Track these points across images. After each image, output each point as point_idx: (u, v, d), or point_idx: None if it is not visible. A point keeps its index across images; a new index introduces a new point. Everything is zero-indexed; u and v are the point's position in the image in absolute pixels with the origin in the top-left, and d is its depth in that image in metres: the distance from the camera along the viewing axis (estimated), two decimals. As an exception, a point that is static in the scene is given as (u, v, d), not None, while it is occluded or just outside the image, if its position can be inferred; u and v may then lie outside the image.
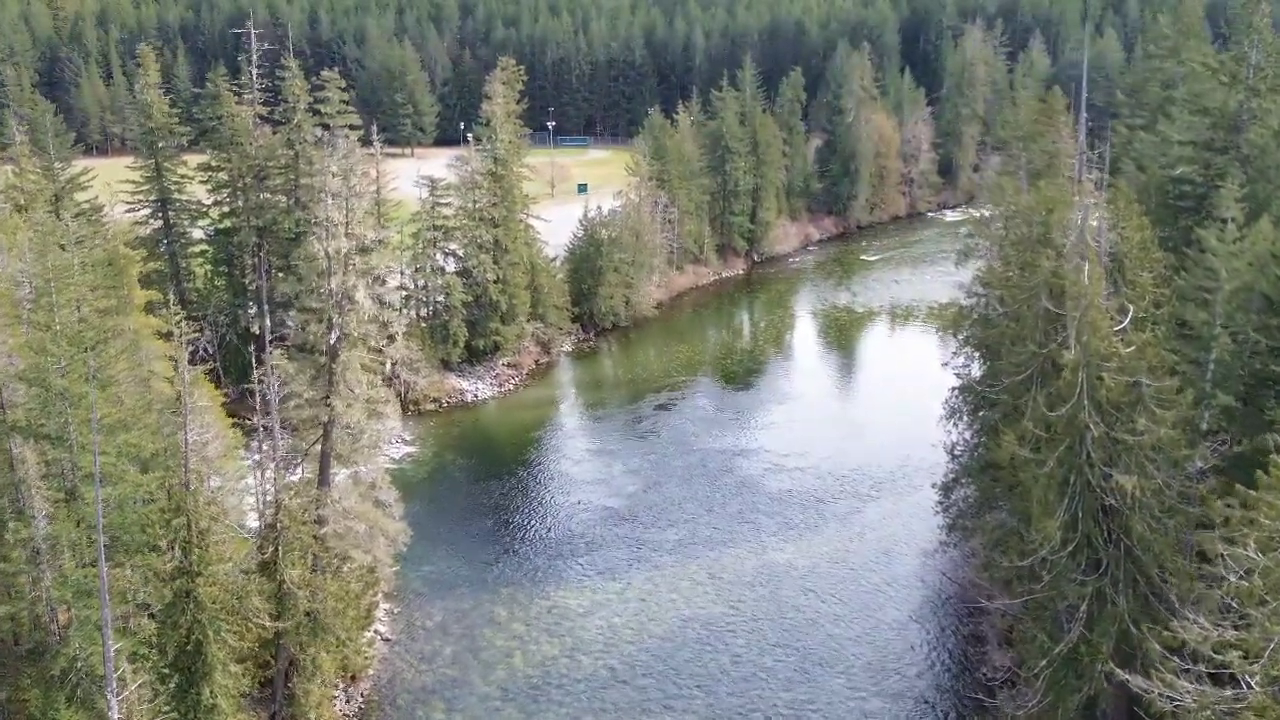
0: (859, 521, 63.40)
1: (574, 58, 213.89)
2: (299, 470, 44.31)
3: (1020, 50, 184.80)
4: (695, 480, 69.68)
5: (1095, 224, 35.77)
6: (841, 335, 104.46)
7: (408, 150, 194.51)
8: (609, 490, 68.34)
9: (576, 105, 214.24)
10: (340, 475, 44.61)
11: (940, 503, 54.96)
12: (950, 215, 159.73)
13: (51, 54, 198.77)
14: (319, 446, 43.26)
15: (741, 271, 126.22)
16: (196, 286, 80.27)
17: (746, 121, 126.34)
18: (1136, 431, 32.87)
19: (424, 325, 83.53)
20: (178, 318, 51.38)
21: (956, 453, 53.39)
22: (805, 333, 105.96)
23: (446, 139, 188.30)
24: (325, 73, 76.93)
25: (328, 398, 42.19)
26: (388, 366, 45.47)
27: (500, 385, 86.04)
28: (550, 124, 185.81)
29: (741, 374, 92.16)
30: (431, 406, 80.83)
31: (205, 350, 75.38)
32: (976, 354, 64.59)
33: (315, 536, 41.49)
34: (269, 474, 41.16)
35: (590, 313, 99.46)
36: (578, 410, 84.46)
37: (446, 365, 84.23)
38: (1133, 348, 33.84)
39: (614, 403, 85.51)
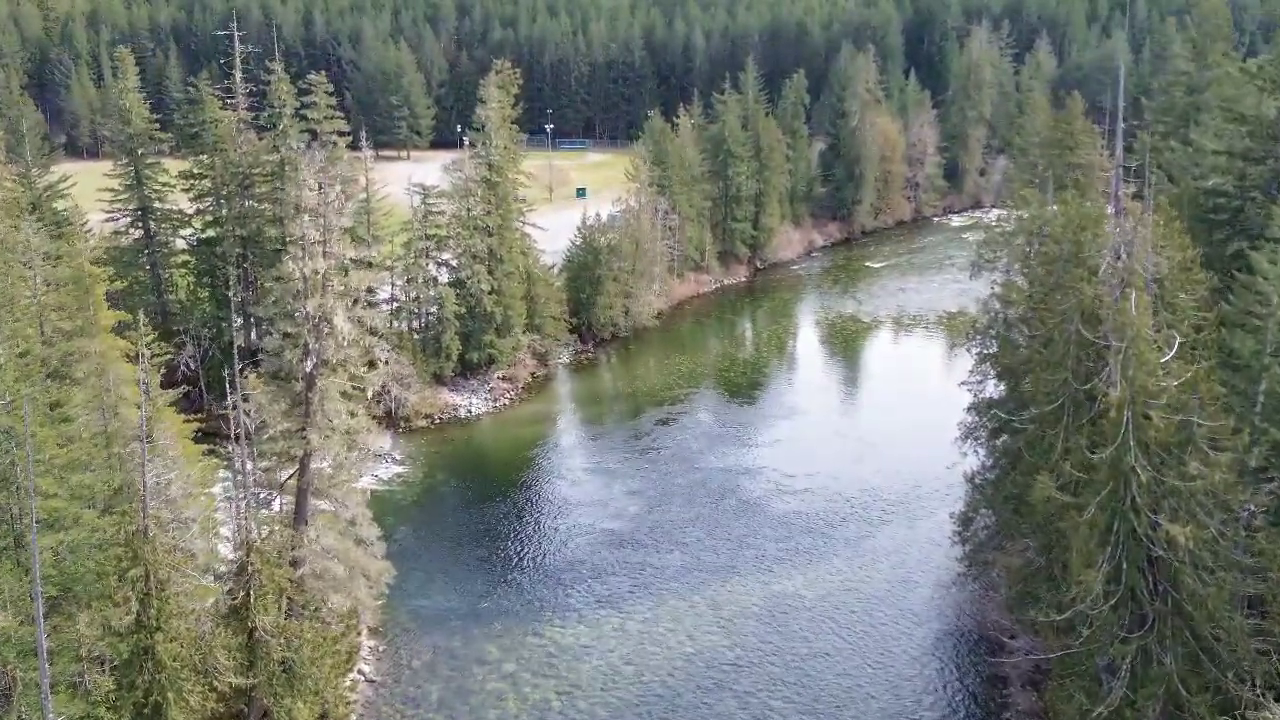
0: (870, 548, 60.32)
1: (572, 59, 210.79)
2: (274, 506, 41.24)
3: (1026, 51, 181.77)
4: (698, 501, 66.66)
5: (1137, 245, 32.72)
6: (847, 346, 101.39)
7: (403, 153, 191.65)
8: (608, 512, 65.30)
9: (575, 107, 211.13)
10: (318, 511, 41.49)
11: (958, 533, 51.92)
12: (956, 220, 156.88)
13: (42, 55, 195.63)
14: (295, 481, 40.15)
15: (744, 279, 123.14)
16: (179, 299, 77.19)
17: (749, 125, 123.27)
18: (1187, 476, 29.82)
19: (416, 338, 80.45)
20: (148, 339, 48.53)
21: (977, 481, 50.24)
22: (810, 343, 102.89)
23: (443, 141, 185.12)
24: (312, 76, 73.86)
25: (304, 429, 39.11)
26: (369, 394, 42.29)
27: (495, 400, 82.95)
28: (548, 126, 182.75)
29: (745, 386, 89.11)
30: (423, 423, 77.73)
31: (187, 366, 72.37)
32: (994, 373, 61.70)
33: (290, 580, 38.42)
34: (241, 512, 38.04)
35: (589, 323, 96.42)
36: (575, 426, 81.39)
37: (439, 379, 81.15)
38: (1181, 382, 30.75)
39: (613, 417, 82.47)
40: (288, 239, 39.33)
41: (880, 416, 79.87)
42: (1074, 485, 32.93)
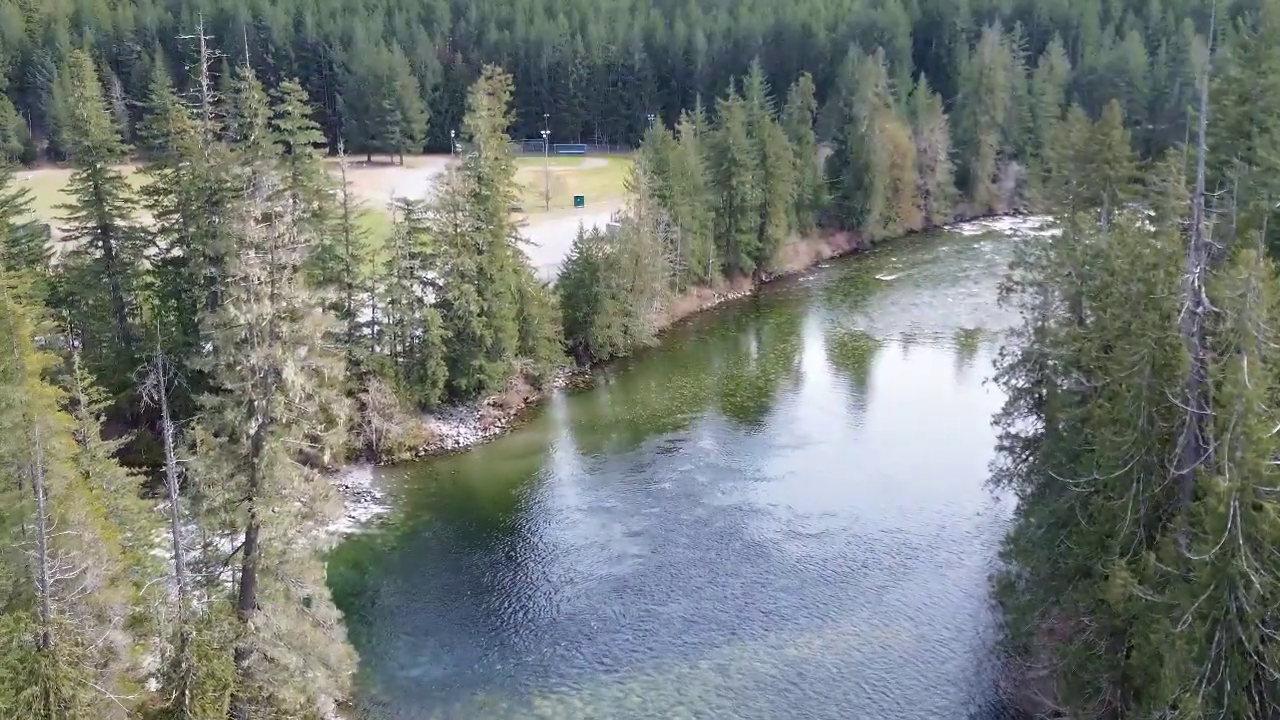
0: (893, 603, 54.76)
1: (571, 62, 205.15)
2: (222, 578, 35.73)
3: (1038, 54, 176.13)
4: (702, 543, 61.36)
5: (1249, 297, 27.15)
6: (860, 367, 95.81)
7: (396, 159, 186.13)
8: (606, 556, 59.91)
9: (573, 111, 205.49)
10: (269, 589, 35.92)
11: (998, 599, 46.35)
12: (968, 229, 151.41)
13: (24, 57, 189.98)
14: (240, 559, 34.58)
15: (749, 293, 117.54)
16: (143, 322, 71.62)
17: (754, 132, 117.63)
18: (1310, 582, 24.30)
19: (399, 364, 74.89)
20: (85, 382, 43.01)
21: (1021, 544, 44.61)
22: (819, 364, 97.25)
23: (437, 146, 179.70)
24: (285, 84, 68.29)
25: (249, 499, 33.55)
26: (328, 456, 36.78)
27: (485, 429, 77.37)
28: (545, 132, 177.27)
29: (751, 411, 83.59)
30: (407, 455, 72.16)
31: (150, 397, 66.74)
32: (1029, 408, 56.27)
33: (234, 674, 32.89)
34: (175, 599, 32.51)
35: (585, 343, 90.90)
36: (571, 458, 75.82)
37: (424, 407, 75.59)
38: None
39: (611, 447, 76.99)
40: (228, 278, 33.69)
41: (899, 447, 74.21)
42: (1160, 580, 27.40)
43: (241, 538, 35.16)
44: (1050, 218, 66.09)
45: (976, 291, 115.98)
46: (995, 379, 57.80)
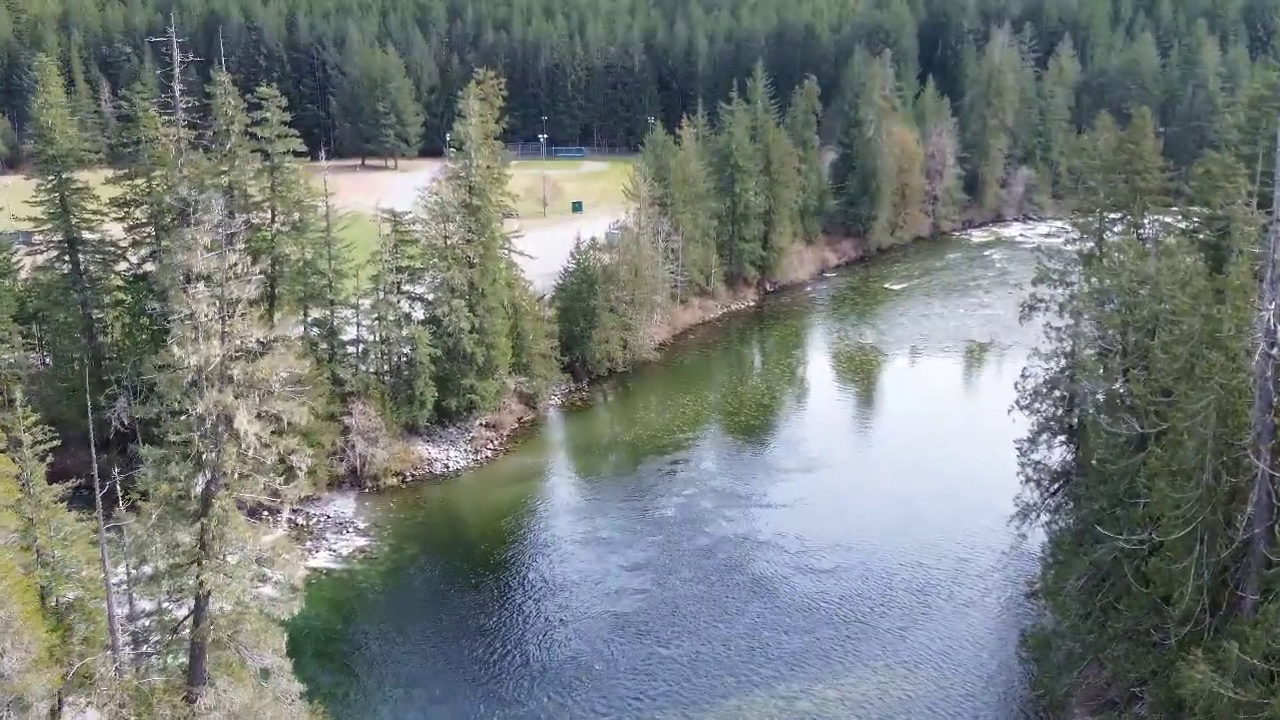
0: (913, 648, 50.81)
1: (569, 63, 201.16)
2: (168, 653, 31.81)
3: (1048, 55, 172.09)
4: (707, 576, 57.74)
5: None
6: (869, 383, 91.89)
7: (390, 163, 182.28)
8: (605, 593, 56.13)
9: (572, 114, 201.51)
10: (222, 662, 32.00)
11: (1032, 656, 42.43)
12: (977, 235, 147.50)
13: (10, 59, 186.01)
14: (188, 630, 30.68)
15: (752, 303, 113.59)
16: (114, 340, 67.73)
17: (758, 136, 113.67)
18: None
19: (385, 384, 70.97)
20: (28, 422, 39.10)
21: (1060, 599, 40.61)
22: (826, 379, 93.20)
23: (432, 150, 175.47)
24: (262, 89, 64.37)
25: (198, 564, 29.66)
26: (284, 515, 32.89)
27: (476, 452, 73.45)
28: (542, 136, 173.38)
29: (757, 430, 79.70)
30: (393, 481, 68.23)
31: (121, 421, 62.93)
32: (1063, 444, 52.48)
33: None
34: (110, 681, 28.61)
35: (583, 359, 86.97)
36: (567, 483, 71.90)
37: (412, 430, 71.70)
38: None
39: (609, 471, 73.15)
40: (173, 315, 29.76)
41: (913, 471, 70.15)
42: (1242, 673, 23.51)
43: (191, 604, 31.28)
44: (1062, 223, 62.44)
45: (988, 302, 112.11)
46: (1020, 405, 54.11)
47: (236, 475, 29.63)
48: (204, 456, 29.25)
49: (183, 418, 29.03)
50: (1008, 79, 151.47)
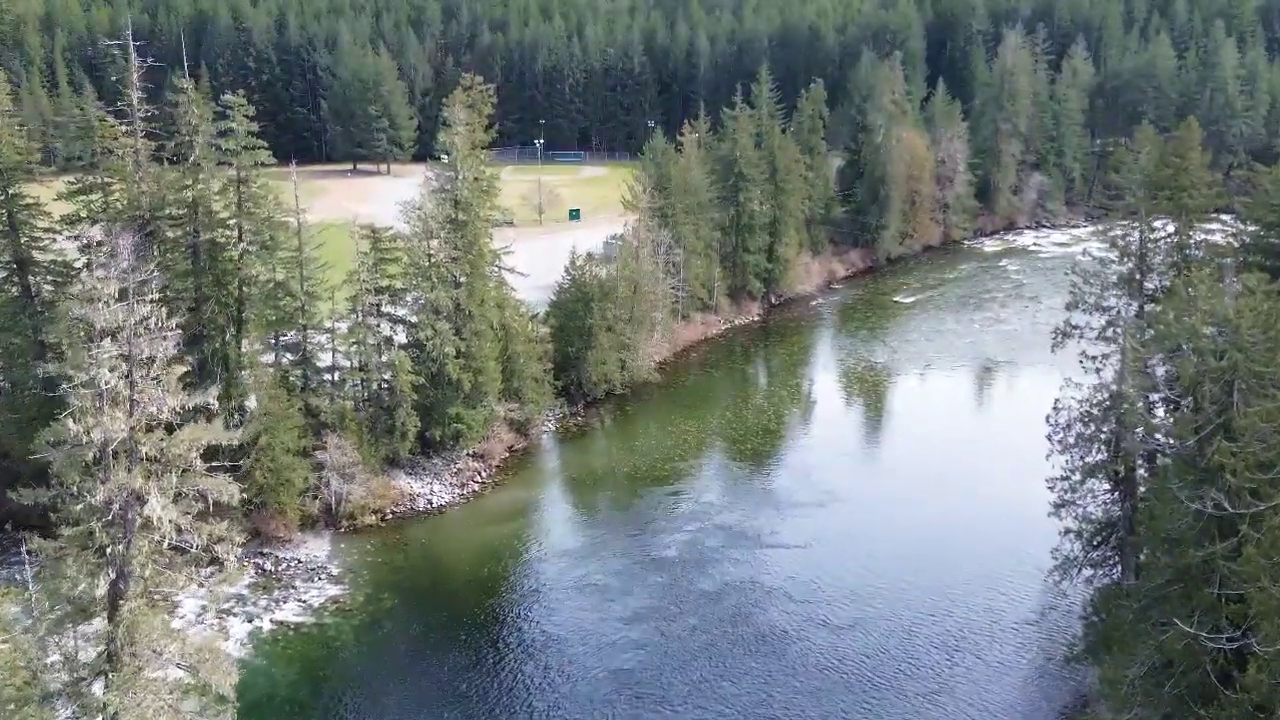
0: (941, 721, 45.70)
1: (567, 65, 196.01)
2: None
3: (1060, 57, 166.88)
4: (712, 626, 52.85)
5: None
6: (882, 406, 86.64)
7: (383, 167, 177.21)
8: (601, 648, 51.25)
9: (570, 117, 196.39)
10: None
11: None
12: (989, 244, 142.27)
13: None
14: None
15: (757, 318, 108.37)
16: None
17: (763, 143, 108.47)
18: None
19: (363, 412, 65.81)
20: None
21: (1114, 688, 35.35)
22: (837, 403, 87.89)
23: (426, 155, 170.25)
24: (228, 97, 59.23)
25: (104, 674, 24.46)
26: (210, 616, 27.70)
27: (463, 485, 68.27)
28: (538, 142, 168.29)
29: (763, 459, 74.55)
30: (371, 520, 63.04)
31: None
32: (1106, 489, 47.37)
33: None
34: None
35: (578, 381, 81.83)
36: (561, 520, 66.75)
37: (393, 462, 66.56)
38: None
39: (606, 505, 68.10)
40: (68, 380, 24.51)
41: (934, 508, 64.76)
42: None
43: None
44: (1095, 239, 57.44)
45: (1005, 317, 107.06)
46: (1052, 439, 49.10)
47: (149, 571, 24.42)
48: (110, 550, 24.05)
49: (82, 505, 23.84)
50: (1021, 82, 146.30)
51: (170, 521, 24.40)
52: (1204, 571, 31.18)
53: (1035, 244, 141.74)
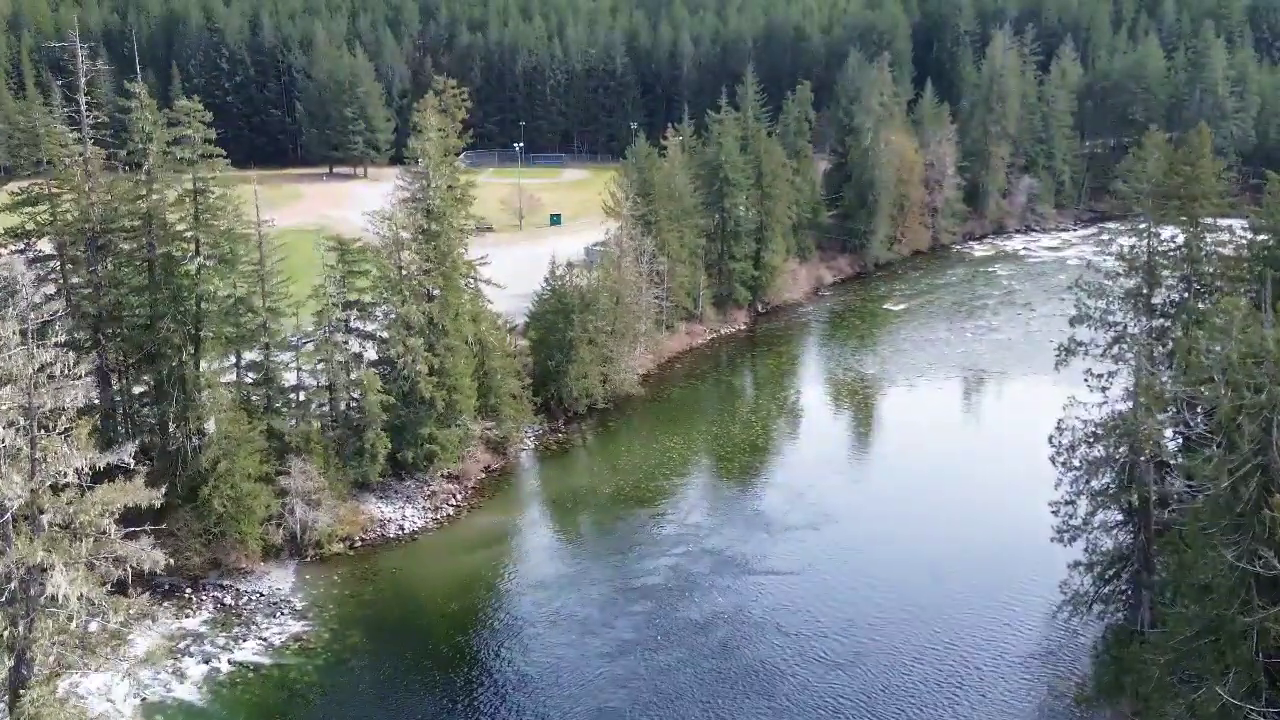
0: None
1: (548, 66, 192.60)
2: None
3: (1049, 58, 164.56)
4: (699, 660, 49.79)
5: None
6: (873, 419, 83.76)
7: (359, 170, 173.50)
8: (581, 686, 48.29)
9: (551, 119, 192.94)
10: None
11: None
12: (979, 249, 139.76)
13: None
14: None
15: (743, 326, 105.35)
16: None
17: (748, 147, 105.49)
18: None
19: (330, 434, 62.44)
20: None
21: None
22: (826, 416, 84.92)
23: (404, 157, 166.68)
24: (182, 103, 55.81)
25: (4, 776, 21.14)
26: (130, 709, 24.37)
27: (436, 509, 64.97)
28: (518, 145, 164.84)
29: (752, 477, 71.65)
30: (339, 548, 59.62)
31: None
32: (1118, 519, 44.60)
33: None
34: None
35: (558, 396, 78.65)
36: (540, 545, 63.52)
37: (362, 485, 63.23)
38: None
39: (588, 529, 65.06)
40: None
41: (933, 529, 61.78)
42: None
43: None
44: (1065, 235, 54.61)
45: (996, 325, 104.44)
46: (1057, 462, 46.41)
47: (54, 655, 21.12)
48: (6, 633, 20.74)
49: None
50: (1009, 83, 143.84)
51: (80, 597, 21.12)
52: (1242, 627, 28.30)
53: (1025, 248, 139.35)
